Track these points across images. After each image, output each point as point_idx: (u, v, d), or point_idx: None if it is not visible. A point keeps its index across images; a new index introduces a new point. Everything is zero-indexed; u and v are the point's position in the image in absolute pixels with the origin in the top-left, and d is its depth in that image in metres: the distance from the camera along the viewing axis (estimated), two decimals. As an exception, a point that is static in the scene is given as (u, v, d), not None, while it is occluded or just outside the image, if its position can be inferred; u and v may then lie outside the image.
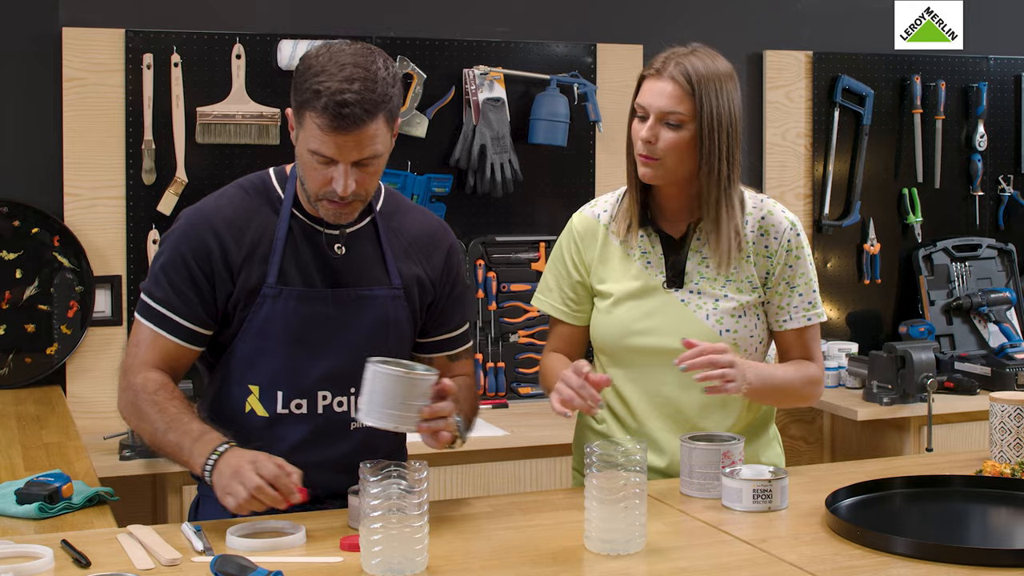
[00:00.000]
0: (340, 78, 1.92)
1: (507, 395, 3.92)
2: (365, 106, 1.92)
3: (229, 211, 2.08)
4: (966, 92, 4.52)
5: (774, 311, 2.28)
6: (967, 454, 2.50)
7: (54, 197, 3.55)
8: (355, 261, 2.10)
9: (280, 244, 2.06)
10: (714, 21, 4.26)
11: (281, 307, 2.05)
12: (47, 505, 2.12)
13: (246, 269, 2.05)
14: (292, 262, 2.07)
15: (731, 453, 2.10)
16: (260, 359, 2.06)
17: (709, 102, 2.15)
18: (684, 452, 2.12)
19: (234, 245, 2.05)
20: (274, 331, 2.05)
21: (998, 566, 1.72)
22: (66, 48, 3.54)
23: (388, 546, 1.69)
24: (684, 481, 2.13)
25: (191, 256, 2.04)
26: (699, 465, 2.10)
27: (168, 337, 2.05)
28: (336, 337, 2.07)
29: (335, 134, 1.92)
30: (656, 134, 2.16)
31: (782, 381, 2.24)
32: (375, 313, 2.10)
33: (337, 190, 1.97)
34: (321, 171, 1.97)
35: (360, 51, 1.97)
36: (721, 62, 2.20)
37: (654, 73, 2.19)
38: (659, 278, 2.26)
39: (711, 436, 2.15)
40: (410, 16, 3.90)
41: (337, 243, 2.09)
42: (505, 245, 3.97)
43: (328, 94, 1.91)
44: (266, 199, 2.10)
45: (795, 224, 2.28)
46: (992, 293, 4.30)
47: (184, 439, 1.96)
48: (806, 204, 4.36)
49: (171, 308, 2.05)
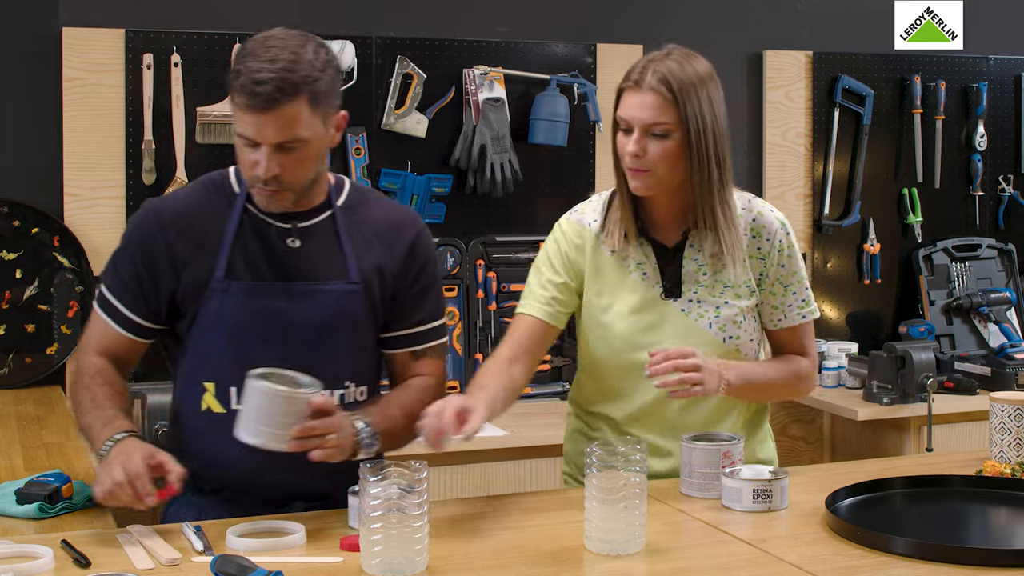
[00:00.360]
0: (263, 58, 1.92)
1: (507, 395, 3.91)
2: (280, 84, 1.91)
3: (181, 205, 2.09)
4: (966, 92, 4.52)
5: (768, 311, 2.28)
6: (967, 454, 2.50)
7: (54, 197, 3.55)
8: (310, 255, 2.08)
9: (229, 238, 2.05)
10: (714, 21, 4.26)
11: (230, 301, 2.04)
12: (47, 505, 2.11)
13: (193, 264, 2.04)
14: (241, 256, 2.05)
15: (731, 453, 2.10)
16: (212, 355, 2.06)
17: (692, 107, 2.10)
18: (684, 452, 2.12)
19: (180, 239, 2.05)
20: (224, 326, 2.04)
21: (998, 566, 1.72)
22: (66, 48, 3.54)
23: (388, 546, 1.69)
24: (684, 481, 2.13)
25: (137, 248, 2.07)
26: (699, 465, 2.10)
27: (112, 326, 2.09)
28: (287, 332, 2.05)
29: (251, 113, 1.92)
30: (643, 147, 2.12)
31: (765, 380, 2.23)
32: (328, 307, 2.06)
33: (258, 173, 1.96)
34: (247, 154, 1.97)
35: (293, 36, 1.99)
36: (700, 63, 2.15)
37: (633, 85, 2.14)
38: (656, 289, 2.22)
39: (711, 436, 2.15)
40: (410, 16, 3.90)
41: (290, 237, 2.07)
42: (505, 245, 3.97)
43: (247, 73, 1.91)
44: (223, 194, 2.09)
45: (784, 223, 2.28)
46: (992, 293, 4.30)
47: (97, 423, 1.99)
48: (806, 204, 4.36)
49: (118, 297, 2.09)
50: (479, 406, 1.97)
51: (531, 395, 3.89)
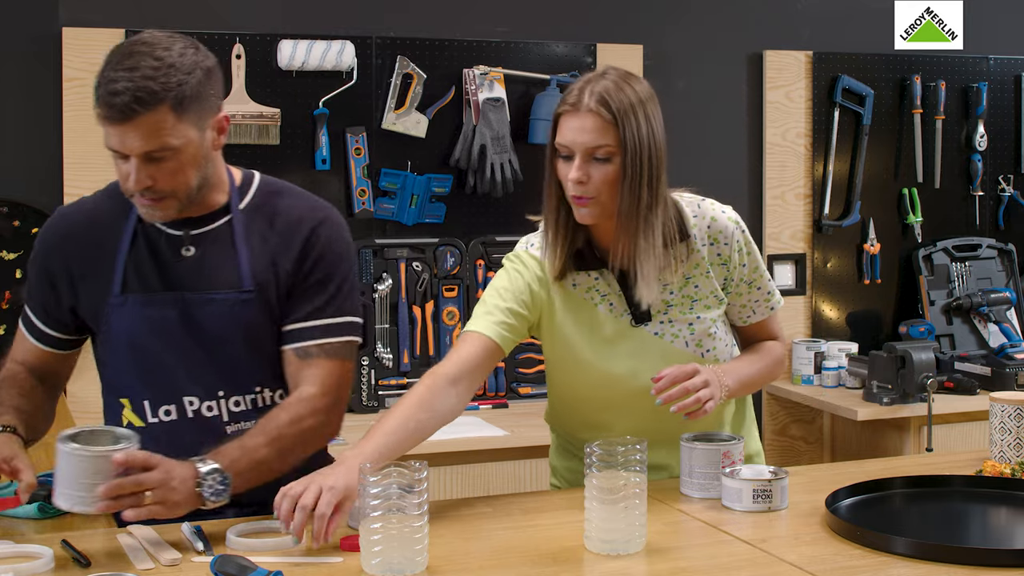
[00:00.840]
0: (122, 68, 1.84)
1: (507, 395, 3.92)
2: (138, 94, 1.82)
3: (80, 215, 2.07)
4: (966, 92, 4.52)
5: (737, 310, 2.26)
6: (967, 454, 2.50)
7: (54, 197, 3.55)
8: (205, 263, 2.01)
9: (124, 251, 2.01)
10: (714, 21, 4.26)
11: (128, 315, 2.00)
12: (47, 505, 2.11)
13: (90, 278, 2.02)
14: (134, 269, 2.01)
15: (731, 453, 2.10)
16: (121, 371, 2.04)
17: (632, 128, 2.01)
18: (684, 452, 2.12)
19: (76, 252, 2.03)
20: (125, 341, 2.01)
21: (998, 566, 1.72)
22: (66, 48, 3.54)
23: (388, 546, 1.69)
24: (684, 481, 2.13)
25: (41, 259, 2.07)
26: (699, 465, 2.10)
27: (28, 337, 2.10)
28: (186, 343, 2.00)
29: (116, 124, 1.84)
30: (587, 172, 2.02)
31: (754, 373, 2.23)
32: (223, 317, 1.99)
33: (129, 185, 1.89)
34: (119, 166, 1.90)
35: (159, 39, 1.88)
36: (638, 83, 2.07)
37: (570, 108, 2.03)
38: (625, 317, 2.15)
39: (711, 436, 2.14)
40: (410, 16, 3.90)
41: (184, 245, 2.01)
42: (505, 245, 3.95)
43: (104, 83, 1.84)
44: (122, 203, 2.02)
45: (738, 222, 2.21)
46: (992, 293, 4.30)
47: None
48: (806, 204, 4.36)
49: (32, 309, 2.09)
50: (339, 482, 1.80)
51: (531, 395, 3.89)
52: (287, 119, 3.71)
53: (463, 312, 3.89)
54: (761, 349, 2.29)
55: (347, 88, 3.77)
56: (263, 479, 1.93)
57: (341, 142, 3.77)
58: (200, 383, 2.02)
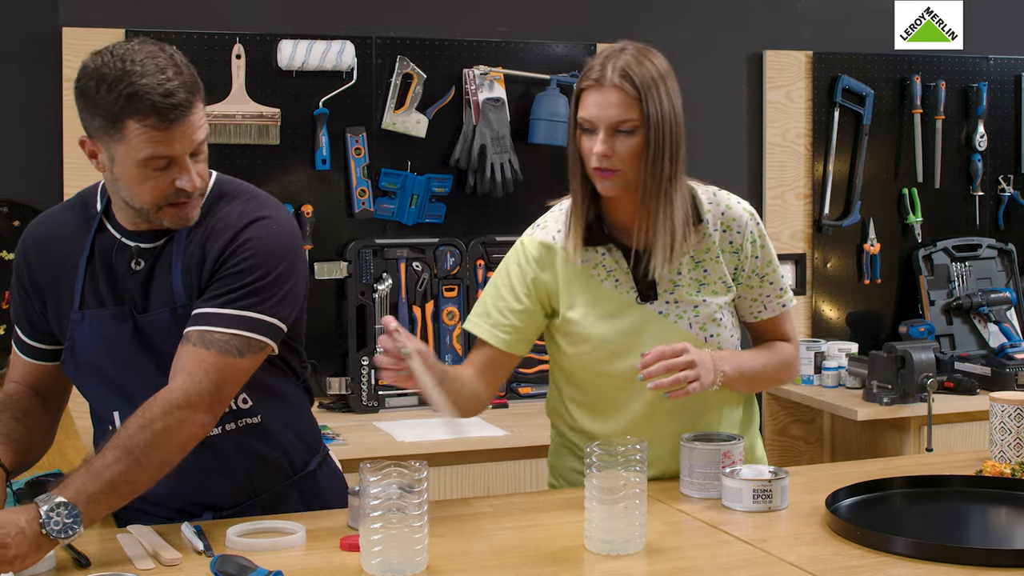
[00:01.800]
0: (150, 71, 1.80)
1: (507, 395, 3.92)
2: (188, 89, 1.82)
3: (45, 228, 2.04)
4: (966, 92, 4.52)
5: (747, 304, 2.25)
6: (967, 454, 2.50)
7: (54, 197, 3.55)
8: (148, 278, 1.96)
9: (82, 268, 1.97)
10: (714, 21, 4.26)
11: (87, 331, 1.97)
12: (47, 505, 2.11)
13: (52, 293, 2.00)
14: (91, 284, 1.97)
15: (731, 453, 2.10)
16: (88, 384, 2.02)
17: (655, 103, 2.06)
18: (684, 452, 2.12)
19: (39, 267, 2.01)
20: (90, 356, 1.98)
21: (998, 566, 1.72)
22: (66, 48, 3.54)
23: (388, 546, 1.69)
24: (684, 481, 2.12)
25: (17, 275, 2.05)
26: (699, 465, 2.10)
27: (19, 355, 2.08)
28: (139, 357, 1.96)
29: (169, 128, 1.80)
30: (611, 146, 2.07)
31: (758, 367, 2.21)
32: (164, 334, 1.93)
33: (187, 187, 1.86)
34: (158, 178, 1.85)
35: (144, 46, 1.84)
36: (657, 58, 2.11)
37: (594, 83, 2.08)
38: (631, 294, 2.17)
39: (711, 436, 2.14)
40: (410, 16, 3.90)
41: (134, 259, 1.96)
42: (505, 245, 3.93)
43: (148, 91, 1.78)
44: (85, 215, 2.01)
45: (753, 214, 2.23)
46: (992, 293, 4.30)
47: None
48: (806, 204, 4.36)
49: (18, 325, 2.07)
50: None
51: (531, 395, 3.89)
52: (287, 119, 3.71)
53: (463, 312, 3.89)
54: (770, 347, 2.27)
55: (347, 88, 3.77)
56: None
57: (341, 142, 3.77)
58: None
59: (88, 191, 2.07)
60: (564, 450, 2.33)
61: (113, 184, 1.92)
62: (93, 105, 1.85)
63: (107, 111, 1.82)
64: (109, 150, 1.86)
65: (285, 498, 2.09)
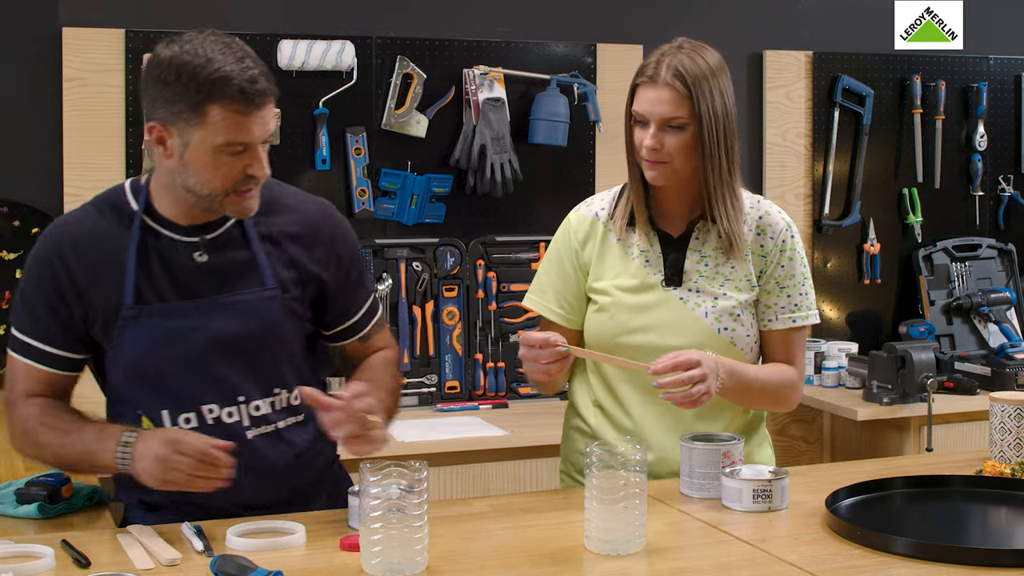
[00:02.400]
0: (233, 59, 1.87)
1: (507, 395, 3.92)
2: (267, 78, 1.91)
3: (76, 231, 2.01)
4: (966, 92, 4.52)
5: (761, 310, 2.29)
6: (967, 454, 2.50)
7: (54, 197, 3.56)
8: (220, 266, 2.01)
9: (132, 263, 1.98)
10: (714, 21, 4.26)
11: (144, 327, 1.98)
12: (47, 505, 2.12)
13: (96, 293, 1.98)
14: (146, 279, 1.98)
15: (731, 453, 2.10)
16: (136, 382, 2.01)
17: (705, 100, 2.16)
18: (684, 452, 2.12)
19: (80, 268, 1.98)
20: (140, 352, 1.98)
21: (998, 566, 1.72)
22: (66, 48, 3.54)
23: (388, 546, 1.69)
24: (684, 481, 2.13)
25: (42, 280, 1.99)
26: (699, 465, 2.10)
27: (40, 367, 2.01)
28: (207, 347, 1.99)
29: (252, 114, 1.87)
30: (660, 140, 2.17)
31: (754, 380, 2.22)
32: (247, 318, 2.01)
33: (257, 174, 1.92)
34: (232, 164, 1.90)
35: (219, 37, 1.92)
36: (711, 55, 2.20)
37: (648, 80, 2.18)
38: (657, 276, 2.26)
39: (711, 436, 2.15)
40: (410, 16, 3.90)
41: (197, 251, 2.01)
42: (505, 245, 3.97)
43: (234, 76, 1.85)
44: (119, 216, 2.01)
45: (791, 225, 2.30)
46: (992, 293, 4.30)
47: (88, 445, 1.94)
48: (806, 204, 4.36)
49: (38, 337, 2.00)
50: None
51: (531, 395, 3.89)
52: (287, 119, 3.71)
53: (463, 312, 3.89)
54: (774, 366, 2.30)
55: (347, 88, 3.77)
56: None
57: (341, 142, 3.77)
58: (219, 389, 2.02)
59: (107, 196, 2.05)
60: (575, 432, 2.37)
61: (181, 171, 1.93)
62: (172, 91, 1.87)
63: (190, 96, 1.86)
64: (184, 136, 1.89)
65: (316, 496, 2.13)
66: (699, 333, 2.21)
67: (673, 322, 2.23)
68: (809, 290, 2.30)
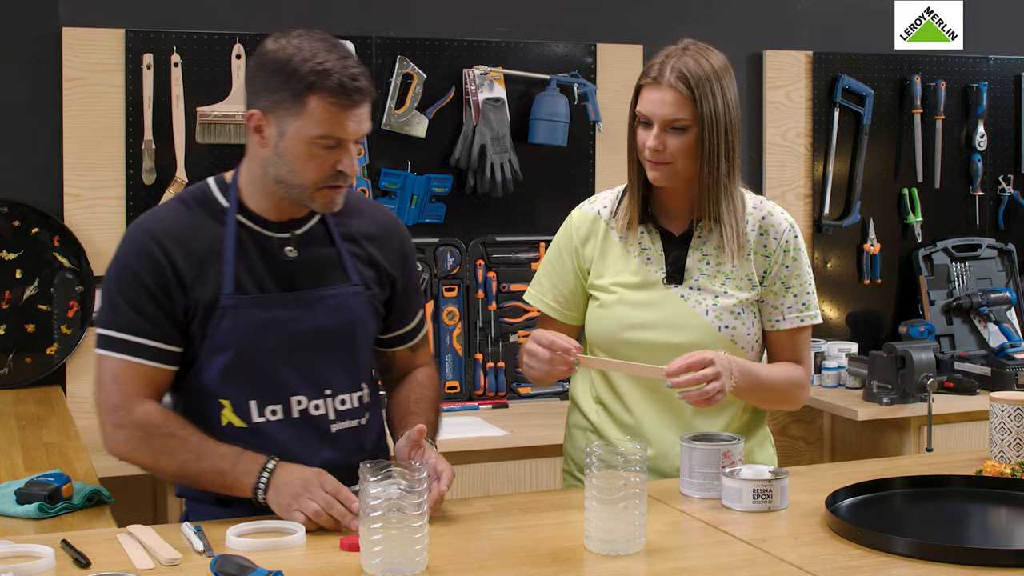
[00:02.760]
0: (337, 56, 1.94)
1: (507, 395, 3.92)
2: (367, 77, 1.97)
3: (173, 226, 2.01)
4: (966, 92, 4.52)
5: (768, 310, 2.29)
6: (967, 454, 2.50)
7: (54, 197, 3.56)
8: (309, 262, 2.06)
9: (231, 253, 2.00)
10: (714, 21, 4.26)
11: (243, 316, 2.00)
12: (47, 505, 2.11)
13: (198, 284, 1.99)
14: (245, 270, 2.01)
15: (731, 453, 2.10)
16: (227, 371, 2.01)
17: (709, 103, 2.17)
18: (684, 452, 2.12)
19: (183, 260, 1.99)
20: (237, 341, 2.00)
21: (998, 566, 1.72)
22: (66, 48, 3.54)
23: (388, 546, 1.70)
24: (684, 481, 2.13)
25: (144, 273, 1.97)
26: (699, 465, 2.10)
27: (144, 363, 1.98)
28: (302, 340, 2.03)
29: (349, 110, 1.93)
30: (663, 141, 2.18)
31: (767, 379, 2.24)
32: (339, 312, 2.07)
33: (347, 170, 1.97)
34: (324, 157, 1.95)
35: (326, 35, 2.00)
36: (715, 57, 2.21)
37: (652, 81, 2.19)
38: (658, 274, 2.27)
39: (711, 436, 2.15)
40: (410, 16, 3.90)
41: (288, 246, 2.05)
42: (505, 245, 3.97)
43: (336, 71, 1.91)
44: (209, 211, 2.04)
45: (793, 226, 2.32)
46: (992, 293, 4.30)
47: (222, 463, 1.95)
48: (806, 204, 4.36)
49: (138, 333, 1.97)
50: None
51: (531, 395, 3.89)
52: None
53: (463, 312, 3.89)
54: (781, 365, 2.31)
55: (347, 88, 3.76)
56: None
57: (341, 142, 3.76)
58: (310, 382, 2.05)
59: (192, 192, 2.07)
60: (576, 430, 2.38)
61: (274, 161, 1.97)
62: (276, 81, 1.93)
63: (293, 86, 1.92)
64: (281, 125, 1.94)
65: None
66: (700, 330, 2.22)
67: (674, 319, 2.24)
68: (813, 290, 2.32)
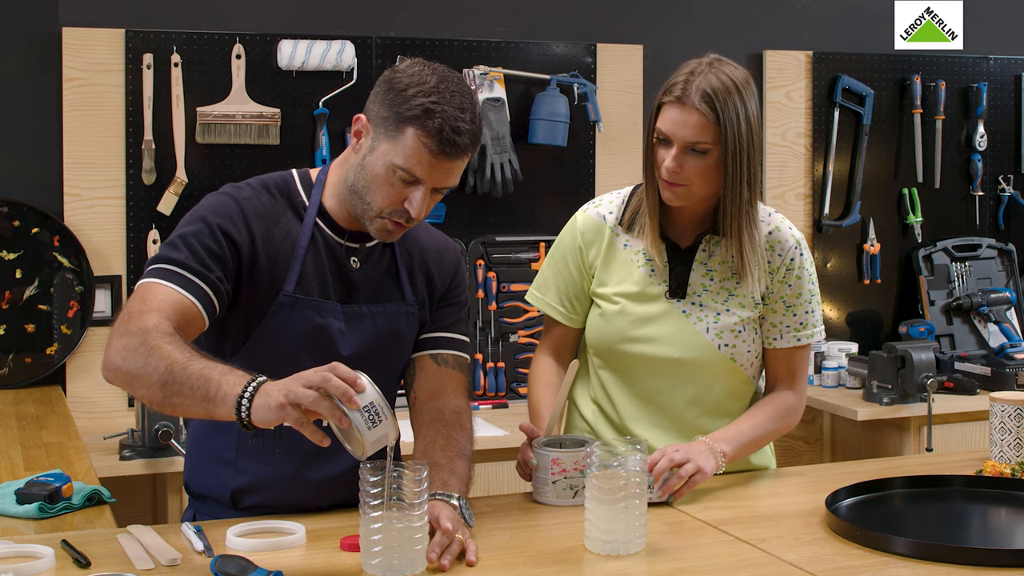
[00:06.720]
0: (454, 105, 1.88)
1: (507, 395, 3.92)
2: (472, 138, 1.91)
3: (259, 207, 1.99)
4: (966, 92, 4.53)
5: (767, 327, 2.27)
6: (967, 454, 2.50)
7: (54, 197, 3.56)
8: (370, 276, 2.05)
9: (302, 253, 1.99)
10: (714, 21, 4.26)
11: (298, 317, 1.98)
12: (47, 505, 2.12)
13: (262, 270, 1.97)
14: (312, 272, 2.00)
15: (561, 460, 2.11)
16: (269, 368, 1.92)
17: (732, 128, 2.09)
18: (542, 458, 2.13)
19: (261, 241, 1.96)
20: (286, 340, 1.98)
21: (998, 566, 1.72)
22: (66, 48, 3.54)
23: (388, 546, 1.69)
24: (539, 490, 2.13)
25: (219, 231, 1.92)
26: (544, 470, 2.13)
27: (182, 293, 1.87)
28: (344, 351, 2.01)
29: (439, 159, 1.89)
30: (681, 163, 2.11)
31: (756, 435, 2.23)
32: (386, 329, 2.05)
33: (411, 212, 1.92)
34: (398, 189, 1.91)
35: (460, 78, 1.95)
36: (738, 72, 2.13)
37: (675, 100, 2.10)
38: (661, 287, 2.23)
39: (563, 440, 2.18)
40: (410, 16, 3.90)
41: (354, 257, 2.04)
42: (505, 245, 3.97)
43: (444, 117, 1.87)
44: (289, 203, 2.02)
45: (800, 243, 2.25)
46: (992, 293, 4.30)
47: (211, 372, 1.74)
48: (806, 204, 4.36)
49: (189, 269, 1.89)
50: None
51: (531, 395, 3.88)
52: (287, 119, 3.71)
53: (463, 312, 3.89)
54: (769, 404, 2.28)
55: (347, 88, 3.77)
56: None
57: (341, 142, 3.76)
58: None
59: (276, 180, 2.04)
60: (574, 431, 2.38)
61: (357, 170, 1.95)
62: (391, 97, 1.91)
63: (400, 111, 1.89)
64: (376, 140, 1.92)
65: None
66: (699, 348, 2.20)
67: (674, 335, 2.21)
68: (816, 307, 2.27)
